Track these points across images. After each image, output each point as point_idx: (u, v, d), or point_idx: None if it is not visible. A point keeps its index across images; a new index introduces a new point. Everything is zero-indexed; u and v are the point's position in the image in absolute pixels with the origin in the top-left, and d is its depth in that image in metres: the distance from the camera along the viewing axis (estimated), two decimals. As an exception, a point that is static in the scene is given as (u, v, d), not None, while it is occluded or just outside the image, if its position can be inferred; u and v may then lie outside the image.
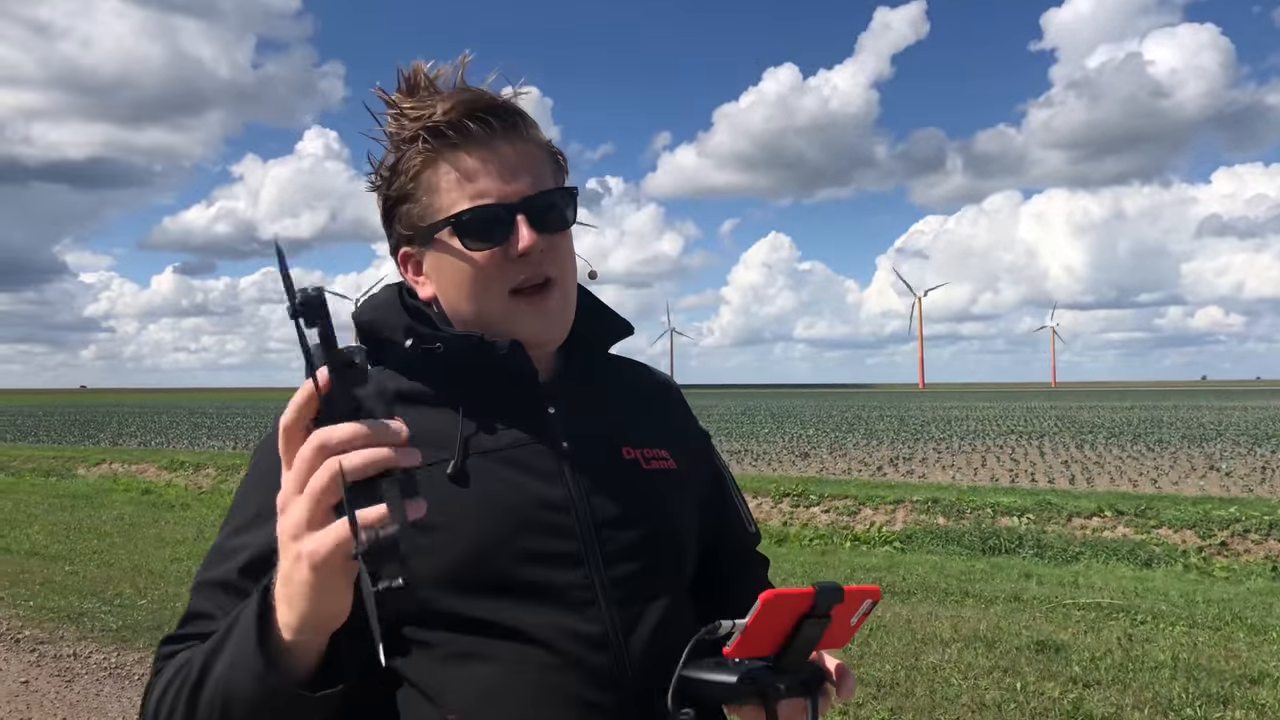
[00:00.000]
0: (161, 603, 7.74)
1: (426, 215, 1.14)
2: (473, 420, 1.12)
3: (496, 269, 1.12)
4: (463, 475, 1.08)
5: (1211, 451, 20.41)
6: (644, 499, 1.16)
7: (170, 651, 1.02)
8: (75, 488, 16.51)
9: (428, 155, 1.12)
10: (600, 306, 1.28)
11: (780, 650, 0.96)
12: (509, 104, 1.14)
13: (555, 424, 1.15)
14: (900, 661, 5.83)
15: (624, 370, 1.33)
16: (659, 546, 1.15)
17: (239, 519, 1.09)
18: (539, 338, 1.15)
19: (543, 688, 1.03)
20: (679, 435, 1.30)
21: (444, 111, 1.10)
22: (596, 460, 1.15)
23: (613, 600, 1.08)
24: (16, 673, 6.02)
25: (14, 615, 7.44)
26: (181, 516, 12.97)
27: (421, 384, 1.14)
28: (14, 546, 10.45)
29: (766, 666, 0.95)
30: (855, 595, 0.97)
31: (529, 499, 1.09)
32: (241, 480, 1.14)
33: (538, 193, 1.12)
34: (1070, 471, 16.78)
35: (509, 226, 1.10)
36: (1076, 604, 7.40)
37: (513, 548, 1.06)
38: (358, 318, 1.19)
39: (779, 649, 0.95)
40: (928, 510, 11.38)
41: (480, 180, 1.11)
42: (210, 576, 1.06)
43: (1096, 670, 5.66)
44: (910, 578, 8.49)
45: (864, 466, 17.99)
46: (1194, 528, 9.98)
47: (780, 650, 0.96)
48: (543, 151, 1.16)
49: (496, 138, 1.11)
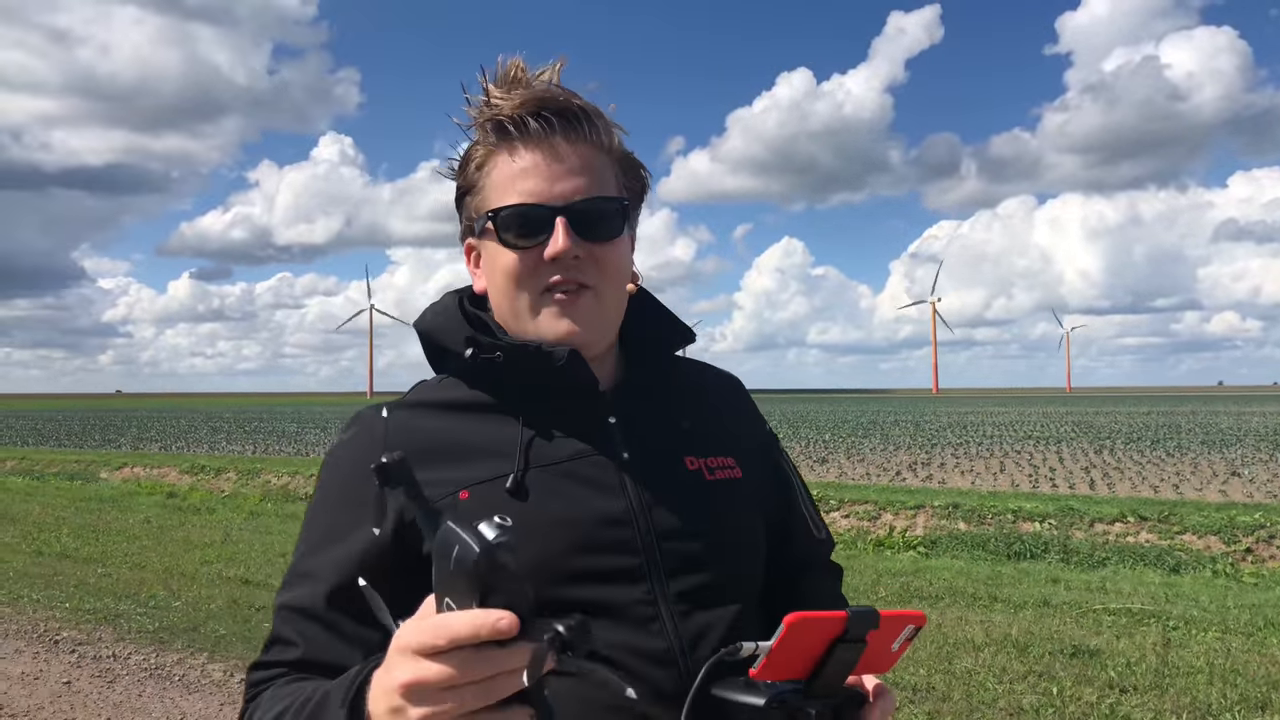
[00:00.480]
0: (195, 604, 7.82)
1: (481, 208, 1.13)
2: (532, 431, 1.11)
3: (530, 269, 1.10)
4: (522, 489, 1.06)
5: (1232, 457, 20.29)
6: (707, 511, 1.13)
7: (260, 679, 1.05)
8: (100, 491, 16.65)
9: (489, 148, 1.12)
10: (663, 312, 1.25)
11: (812, 673, 0.91)
12: (579, 105, 1.11)
13: (616, 435, 1.13)
14: (934, 666, 5.85)
15: (689, 375, 1.30)
16: (723, 559, 1.12)
17: (309, 540, 1.11)
18: (565, 341, 1.11)
19: (605, 705, 1.01)
20: (745, 440, 1.26)
21: (512, 106, 1.09)
22: (658, 472, 1.13)
23: (677, 614, 1.06)
24: (58, 673, 6.09)
25: (50, 617, 7.54)
26: (207, 520, 13.08)
27: (482, 392, 1.14)
28: (45, 549, 10.57)
29: (797, 690, 0.91)
30: (894, 621, 0.92)
31: (589, 514, 1.07)
32: (311, 500, 1.16)
33: (585, 198, 1.09)
34: (1090, 477, 16.72)
35: (547, 229, 1.09)
36: (1107, 609, 7.38)
37: (573, 564, 1.04)
38: (419, 326, 1.20)
39: (810, 672, 0.91)
40: (949, 515, 11.36)
41: (530, 179, 1.09)
42: (291, 600, 1.08)
43: (1132, 675, 5.67)
44: (937, 582, 8.49)
45: (882, 472, 17.97)
46: (1219, 534, 9.93)
47: (812, 673, 0.91)
48: (607, 157, 1.14)
49: (556, 137, 1.10)
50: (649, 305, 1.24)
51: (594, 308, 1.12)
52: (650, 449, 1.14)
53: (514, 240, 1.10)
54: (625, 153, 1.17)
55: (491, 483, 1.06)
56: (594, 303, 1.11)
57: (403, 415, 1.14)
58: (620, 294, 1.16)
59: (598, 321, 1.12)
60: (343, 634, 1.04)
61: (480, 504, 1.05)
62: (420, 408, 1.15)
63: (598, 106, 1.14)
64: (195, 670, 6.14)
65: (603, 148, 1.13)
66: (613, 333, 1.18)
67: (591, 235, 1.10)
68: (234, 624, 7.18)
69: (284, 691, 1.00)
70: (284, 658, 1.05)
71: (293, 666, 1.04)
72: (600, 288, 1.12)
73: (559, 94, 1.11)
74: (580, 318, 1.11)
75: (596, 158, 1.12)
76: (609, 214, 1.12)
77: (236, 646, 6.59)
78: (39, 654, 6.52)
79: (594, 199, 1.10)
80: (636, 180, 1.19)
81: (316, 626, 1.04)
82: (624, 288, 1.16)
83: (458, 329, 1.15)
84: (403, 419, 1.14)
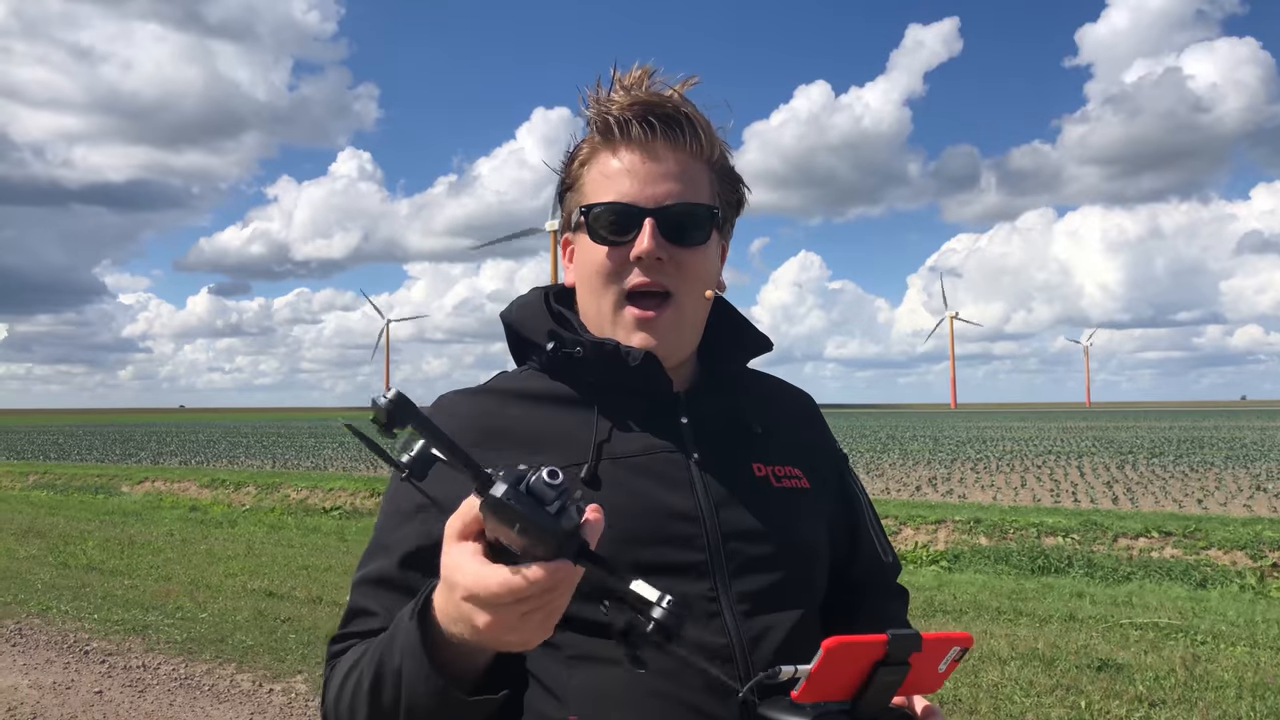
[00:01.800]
0: (222, 616, 7.89)
1: (579, 203, 1.18)
2: (608, 425, 1.15)
3: (614, 268, 1.14)
4: (595, 480, 1.10)
5: (1257, 472, 20.07)
6: (773, 515, 1.15)
7: (338, 650, 1.08)
8: (123, 504, 16.81)
9: (593, 147, 1.17)
10: (741, 321, 1.28)
11: (856, 695, 0.92)
12: (684, 113, 1.14)
13: (687, 435, 1.17)
14: (961, 679, 5.83)
15: (762, 386, 1.32)
16: (787, 562, 1.14)
17: (385, 516, 1.14)
18: (642, 348, 1.14)
19: (662, 694, 1.03)
20: (813, 454, 1.28)
21: (619, 109, 1.13)
22: (727, 474, 1.15)
23: (738, 613, 1.08)
24: (89, 683, 6.16)
25: (80, 628, 7.62)
26: (230, 533, 13.18)
27: (563, 385, 1.18)
28: (71, 561, 10.68)
29: (843, 711, 0.92)
30: (938, 643, 0.92)
31: (658, 508, 1.10)
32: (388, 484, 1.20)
33: (675, 203, 1.13)
34: (1113, 492, 16.58)
35: (636, 228, 1.12)
36: (1134, 624, 7.33)
37: (641, 555, 1.06)
38: (506, 317, 1.25)
39: (854, 694, 0.92)
40: (970, 530, 11.31)
41: (626, 179, 1.13)
42: (368, 574, 1.11)
43: (1161, 689, 5.63)
44: (961, 596, 8.46)
45: (902, 487, 17.89)
46: (1245, 549, 9.84)
47: (856, 695, 0.92)
48: (705, 166, 1.17)
49: (656, 142, 1.13)
50: (728, 313, 1.28)
51: (672, 321, 1.15)
52: (720, 451, 1.17)
53: (604, 235, 1.14)
54: (727, 165, 1.20)
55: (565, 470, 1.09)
56: (673, 315, 1.15)
57: (484, 400, 1.19)
58: (700, 301, 1.18)
59: (674, 335, 1.16)
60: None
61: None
62: (501, 394, 1.19)
63: (708, 120, 1.17)
64: (224, 680, 6.19)
65: (702, 156, 1.16)
66: (691, 345, 1.21)
67: (678, 239, 1.14)
68: (260, 635, 7.24)
69: (359, 648, 1.03)
70: (364, 628, 1.07)
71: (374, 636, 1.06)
72: (680, 294, 1.15)
73: (669, 100, 1.14)
74: (658, 333, 1.15)
75: (694, 165, 1.15)
76: (697, 220, 1.15)
77: (264, 657, 6.65)
78: (70, 664, 6.59)
79: (684, 204, 1.13)
80: (734, 193, 1.22)
81: (395, 594, 1.07)
82: (705, 295, 1.18)
83: (542, 323, 1.20)
84: (484, 404, 1.18)
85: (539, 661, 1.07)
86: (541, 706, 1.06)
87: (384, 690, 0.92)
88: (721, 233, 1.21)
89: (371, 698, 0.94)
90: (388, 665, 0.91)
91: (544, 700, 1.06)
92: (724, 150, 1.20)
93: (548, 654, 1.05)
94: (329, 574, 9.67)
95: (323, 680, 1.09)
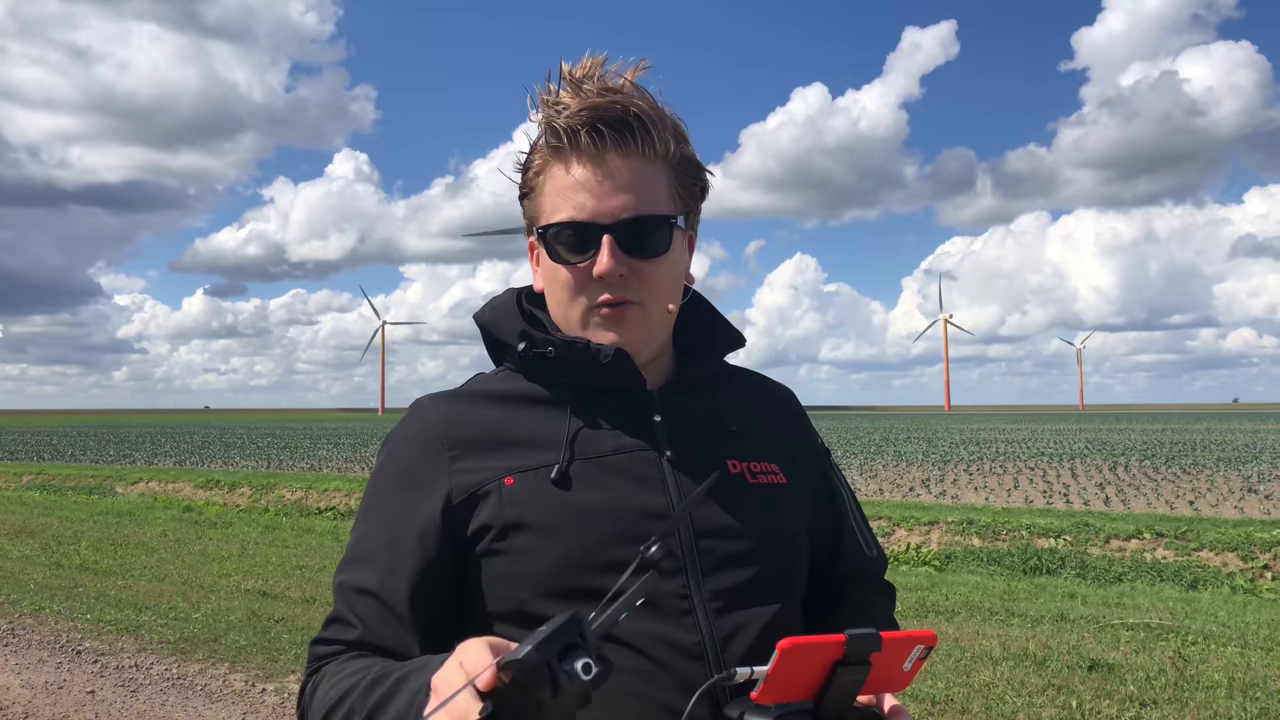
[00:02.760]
0: (215, 616, 7.88)
1: (537, 215, 1.17)
2: (580, 424, 1.14)
3: (580, 284, 1.13)
4: (566, 480, 1.09)
5: (1249, 474, 20.16)
6: (747, 512, 1.14)
7: (321, 654, 1.10)
8: (117, 505, 16.78)
9: (544, 157, 1.15)
10: (716, 317, 1.27)
11: (818, 695, 0.91)
12: (637, 112, 1.11)
13: (660, 433, 1.16)
14: (953, 679, 5.85)
15: (740, 382, 1.31)
16: (763, 558, 1.13)
17: (367, 521, 1.16)
18: (613, 345, 1.14)
19: (635, 695, 1.03)
20: (792, 450, 1.26)
21: (568, 115, 1.10)
22: (700, 471, 1.14)
23: (711, 610, 1.07)
24: (81, 683, 6.15)
25: (72, 628, 7.60)
26: (225, 534, 13.16)
27: (537, 385, 1.18)
28: (64, 561, 10.65)
29: (805, 710, 0.91)
30: (899, 642, 0.91)
31: (629, 507, 1.09)
32: (368, 484, 1.21)
33: (632, 216, 1.11)
34: (1105, 493, 16.65)
35: (595, 246, 1.11)
36: (1125, 624, 7.37)
37: (612, 554, 1.05)
38: (479, 319, 1.25)
39: (817, 694, 0.91)
40: (963, 531, 11.36)
41: (580, 194, 1.11)
42: (350, 581, 1.12)
43: (1151, 689, 5.66)
44: (954, 596, 8.48)
45: (895, 488, 17.94)
46: (1236, 550, 9.90)
47: (818, 695, 0.91)
48: (660, 167, 1.14)
49: (607, 151, 1.10)
50: (702, 308, 1.27)
51: (639, 321, 1.15)
52: (693, 449, 1.16)
53: (564, 255, 1.14)
54: (684, 156, 1.17)
55: (537, 471, 1.10)
56: (640, 316, 1.14)
57: (458, 404, 1.19)
58: (664, 306, 1.17)
59: (642, 334, 1.16)
60: (399, 617, 1.08)
61: (524, 490, 1.10)
62: (476, 397, 1.20)
63: (660, 110, 1.14)
64: (217, 680, 6.18)
65: (657, 158, 1.13)
66: (658, 343, 1.20)
67: (638, 252, 1.12)
68: (254, 635, 7.23)
69: (346, 669, 1.04)
70: (343, 637, 1.09)
71: (351, 646, 1.09)
72: (647, 303, 1.14)
73: (617, 103, 1.11)
74: (624, 331, 1.14)
75: (648, 170, 1.13)
76: (655, 230, 1.13)
77: (257, 657, 6.64)
78: (62, 664, 6.58)
79: (640, 217, 1.12)
80: (695, 183, 1.19)
81: (374, 610, 1.09)
82: (672, 300, 1.17)
83: (514, 323, 1.20)
84: (458, 407, 1.18)
85: None
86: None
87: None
88: (686, 228, 1.19)
89: None
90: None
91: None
92: (679, 139, 1.16)
93: None
94: (323, 574, 9.66)
95: (302, 682, 1.10)
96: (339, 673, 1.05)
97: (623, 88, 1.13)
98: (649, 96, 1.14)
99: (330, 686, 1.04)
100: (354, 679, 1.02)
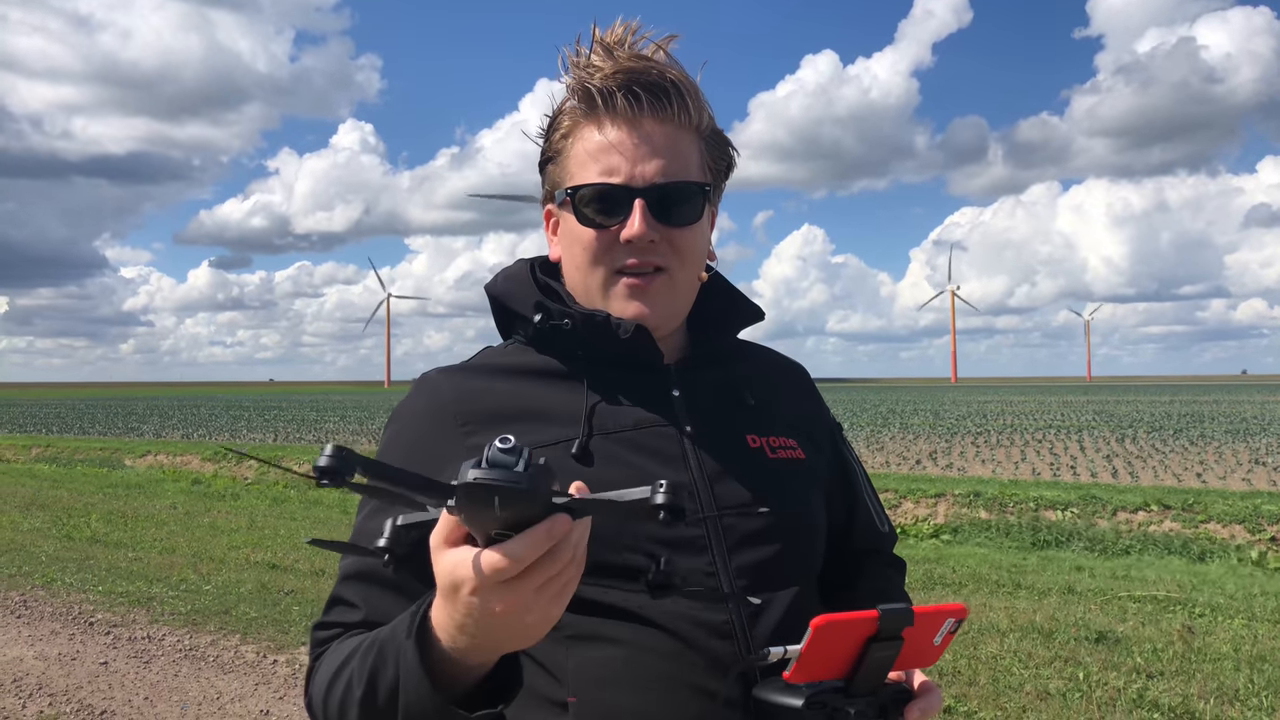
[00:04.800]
0: (225, 588, 7.94)
1: (562, 179, 1.13)
2: (598, 398, 1.12)
3: (605, 249, 1.11)
4: (586, 455, 1.07)
5: (1257, 446, 20.12)
6: (768, 487, 1.13)
7: (323, 638, 1.06)
8: (126, 478, 16.88)
9: (575, 118, 1.12)
10: (733, 292, 1.25)
11: (850, 672, 0.90)
12: (673, 79, 1.10)
13: (679, 408, 1.14)
14: (960, 650, 5.87)
15: (754, 356, 1.30)
16: (784, 535, 1.12)
17: (370, 505, 1.11)
18: (635, 318, 1.12)
19: (662, 674, 1.01)
20: (807, 424, 1.25)
21: (602, 77, 1.08)
22: (720, 446, 1.13)
23: (738, 588, 1.06)
24: (94, 654, 6.21)
25: (84, 599, 7.67)
26: (233, 506, 13.24)
27: (551, 359, 1.15)
28: (75, 534, 10.74)
29: (837, 689, 0.90)
30: (931, 616, 0.91)
31: (651, 482, 1.11)
32: (376, 457, 1.16)
33: (666, 182, 1.09)
34: (1113, 466, 16.63)
35: (626, 210, 1.09)
36: (1132, 596, 7.38)
37: (636, 531, 1.04)
38: (490, 289, 1.21)
39: (848, 672, 0.90)
40: (969, 504, 11.35)
41: (613, 156, 1.09)
42: (348, 564, 1.09)
43: (1159, 661, 5.67)
44: (961, 569, 8.50)
45: (902, 460, 17.95)
46: (1244, 522, 9.88)
47: (850, 672, 0.90)
48: (694, 136, 1.13)
49: (643, 115, 1.08)
50: (719, 284, 1.25)
51: (666, 291, 1.12)
52: (712, 424, 1.15)
53: (592, 217, 1.11)
54: (714, 130, 1.16)
55: (555, 446, 1.07)
56: (666, 286, 1.12)
57: (469, 377, 1.16)
58: (694, 277, 1.16)
59: (668, 305, 1.13)
60: (405, 594, 1.05)
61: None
62: (486, 371, 1.17)
63: (694, 83, 1.12)
64: (229, 651, 6.24)
65: (691, 126, 1.12)
66: (682, 315, 1.18)
67: (669, 219, 1.10)
68: (264, 607, 7.29)
69: (347, 645, 1.02)
70: (346, 619, 1.06)
71: (354, 628, 1.06)
72: (674, 271, 1.12)
73: (654, 67, 1.09)
74: (650, 301, 1.12)
75: (682, 138, 1.11)
76: (689, 198, 1.11)
77: (268, 629, 6.70)
78: (75, 635, 6.65)
79: (675, 183, 1.10)
80: (723, 158, 1.18)
81: (377, 589, 1.06)
82: (698, 271, 1.16)
83: (529, 294, 1.17)
84: (469, 381, 1.15)
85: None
86: (540, 687, 1.03)
87: (378, 701, 0.90)
88: (711, 203, 1.17)
89: (364, 709, 0.92)
90: (382, 678, 0.89)
91: (542, 681, 1.04)
92: (710, 113, 1.15)
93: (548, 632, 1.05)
94: (332, 547, 9.71)
95: (307, 668, 1.08)
96: (339, 650, 1.02)
97: (657, 58, 1.11)
98: (682, 67, 1.12)
99: (331, 661, 1.01)
100: (351, 646, 0.99)
